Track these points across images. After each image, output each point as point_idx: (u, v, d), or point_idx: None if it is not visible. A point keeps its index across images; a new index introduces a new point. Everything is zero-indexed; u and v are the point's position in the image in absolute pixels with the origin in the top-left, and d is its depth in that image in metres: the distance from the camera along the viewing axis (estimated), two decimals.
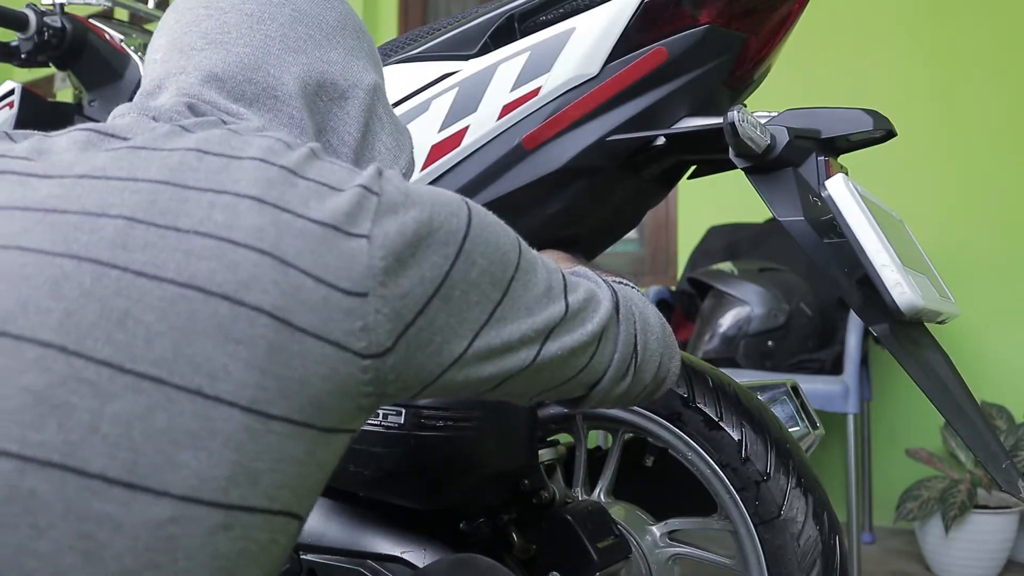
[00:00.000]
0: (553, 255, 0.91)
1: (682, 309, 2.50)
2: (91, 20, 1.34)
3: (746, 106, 0.82)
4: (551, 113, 0.90)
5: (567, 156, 0.90)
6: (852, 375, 2.04)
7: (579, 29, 0.89)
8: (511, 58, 0.92)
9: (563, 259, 0.91)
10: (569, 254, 0.95)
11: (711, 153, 0.90)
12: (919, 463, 2.29)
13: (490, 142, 0.93)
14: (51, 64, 1.31)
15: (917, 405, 2.47)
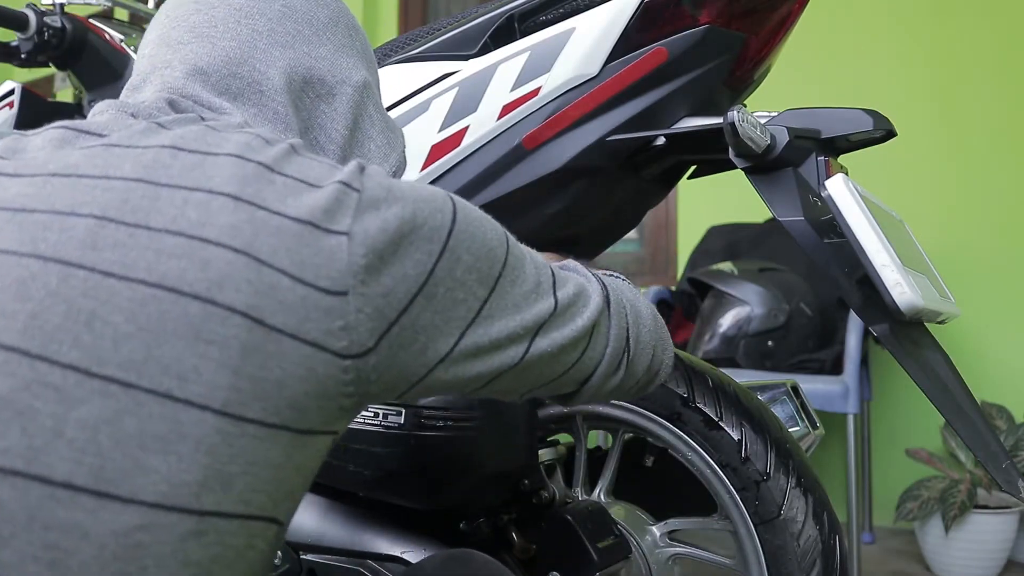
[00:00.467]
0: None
1: (682, 309, 2.50)
2: (91, 20, 1.34)
3: (746, 106, 0.82)
4: (551, 113, 0.90)
5: (567, 156, 0.90)
6: (852, 375, 2.04)
7: (579, 29, 0.89)
8: (511, 58, 0.92)
9: (550, 255, 0.90)
10: (557, 252, 0.95)
11: (711, 153, 0.90)
12: (919, 463, 2.29)
13: (490, 142, 0.93)
14: (51, 64, 1.31)
15: (917, 405, 2.47)
